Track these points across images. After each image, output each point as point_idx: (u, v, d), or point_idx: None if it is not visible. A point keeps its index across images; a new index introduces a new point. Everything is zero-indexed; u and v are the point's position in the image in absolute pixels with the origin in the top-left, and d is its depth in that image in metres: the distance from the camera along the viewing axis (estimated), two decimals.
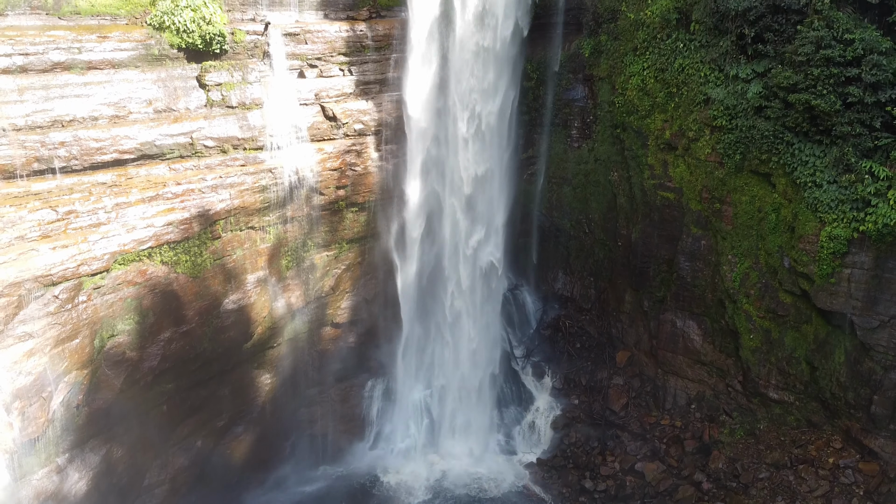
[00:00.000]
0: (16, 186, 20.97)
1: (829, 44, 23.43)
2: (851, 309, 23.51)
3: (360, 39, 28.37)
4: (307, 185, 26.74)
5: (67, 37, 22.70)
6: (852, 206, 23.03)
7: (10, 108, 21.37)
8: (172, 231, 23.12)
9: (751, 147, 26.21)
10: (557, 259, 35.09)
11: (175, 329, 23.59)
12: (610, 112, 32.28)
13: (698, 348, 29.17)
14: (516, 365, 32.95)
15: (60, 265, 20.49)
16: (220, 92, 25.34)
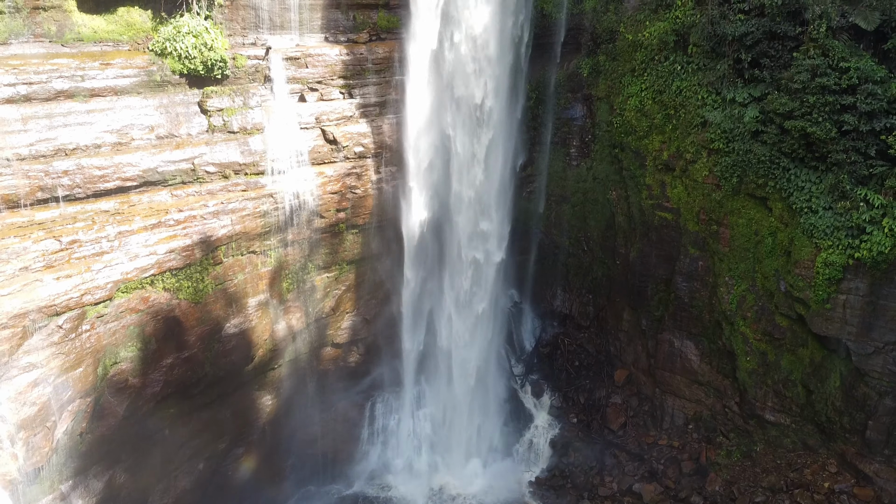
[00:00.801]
0: (20, 216, 21.18)
1: (824, 72, 23.69)
2: (847, 334, 23.75)
3: (360, 62, 28.60)
4: (308, 209, 26.96)
5: (70, 64, 22.89)
6: (847, 232, 23.27)
7: (15, 138, 21.57)
8: (175, 258, 23.35)
9: (747, 171, 26.46)
10: (556, 276, 35.33)
11: (177, 355, 23.81)
12: (608, 132, 32.55)
13: (696, 368, 29.42)
14: (515, 383, 33.19)
15: (64, 295, 20.71)
16: (221, 117, 25.56)
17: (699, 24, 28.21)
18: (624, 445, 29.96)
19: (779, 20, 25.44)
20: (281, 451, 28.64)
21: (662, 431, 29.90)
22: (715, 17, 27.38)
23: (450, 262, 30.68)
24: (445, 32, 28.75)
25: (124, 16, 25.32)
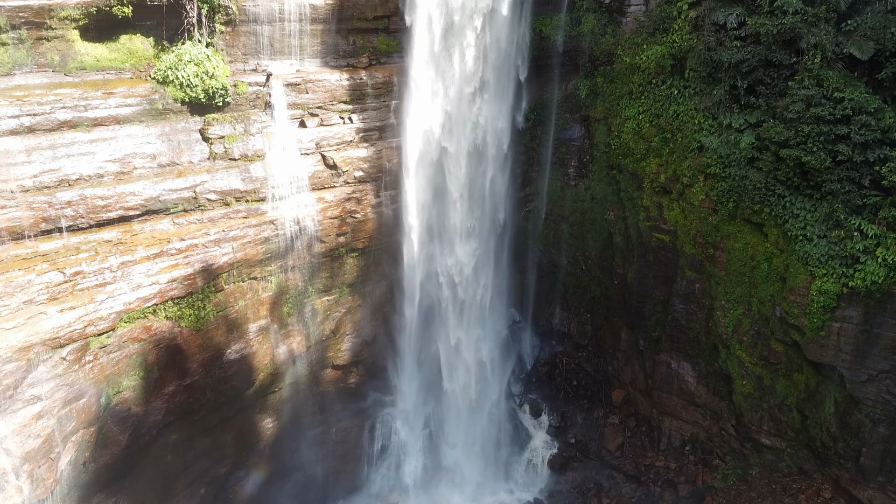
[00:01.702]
0: (24, 247, 21.45)
1: (819, 102, 23.95)
2: (841, 362, 24.02)
3: (360, 87, 28.85)
4: (308, 234, 27.23)
5: (74, 94, 23.11)
6: (842, 261, 23.53)
7: (19, 170, 21.83)
8: (177, 287, 23.61)
9: (743, 196, 26.72)
10: (555, 295, 35.61)
11: (179, 382, 24.07)
12: (606, 153, 32.82)
13: (692, 390, 29.68)
14: (514, 403, 33.46)
15: (68, 327, 20.98)
16: (222, 144, 25.82)
17: (696, 50, 28.47)
18: (621, 467, 30.22)
19: (774, 49, 25.71)
20: (281, 472, 28.89)
21: (659, 453, 30.17)
22: (711, 43, 27.64)
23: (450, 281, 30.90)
24: (444, 55, 29.01)
25: (126, 44, 25.57)
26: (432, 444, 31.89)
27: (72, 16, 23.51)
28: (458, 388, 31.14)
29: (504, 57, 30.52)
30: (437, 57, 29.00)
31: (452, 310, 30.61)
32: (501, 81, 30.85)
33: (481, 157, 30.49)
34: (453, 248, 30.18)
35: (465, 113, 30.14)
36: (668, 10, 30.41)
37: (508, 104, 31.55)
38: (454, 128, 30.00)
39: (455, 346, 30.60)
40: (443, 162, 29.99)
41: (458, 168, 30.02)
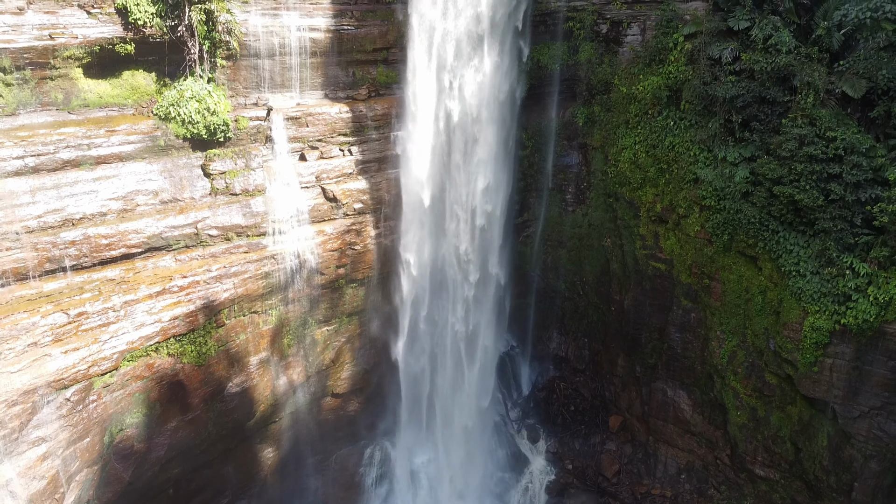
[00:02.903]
0: (28, 288, 21.81)
1: (811, 141, 24.28)
2: (833, 397, 24.34)
3: (360, 119, 29.20)
4: (308, 267, 27.57)
5: (77, 133, 23.47)
6: (834, 299, 23.84)
7: (24, 210, 22.20)
8: (179, 324, 23.96)
9: (738, 230, 27.02)
10: (553, 319, 35.95)
11: (181, 417, 24.43)
12: (603, 181, 33.15)
13: (688, 418, 30.01)
14: (511, 428, 33.79)
15: (72, 368, 21.33)
16: (223, 180, 26.16)
17: (691, 82, 28.80)
18: (618, 494, 30.58)
19: (768, 85, 26.03)
20: (282, 501, 29.23)
21: (655, 480, 30.50)
22: (706, 77, 27.96)
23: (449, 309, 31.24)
24: (443, 85, 29.33)
25: (129, 80, 25.92)
26: (430, 472, 32.18)
27: (75, 55, 23.87)
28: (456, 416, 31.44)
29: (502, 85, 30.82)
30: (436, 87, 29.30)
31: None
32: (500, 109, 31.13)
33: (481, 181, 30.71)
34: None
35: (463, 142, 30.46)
36: (665, 41, 30.78)
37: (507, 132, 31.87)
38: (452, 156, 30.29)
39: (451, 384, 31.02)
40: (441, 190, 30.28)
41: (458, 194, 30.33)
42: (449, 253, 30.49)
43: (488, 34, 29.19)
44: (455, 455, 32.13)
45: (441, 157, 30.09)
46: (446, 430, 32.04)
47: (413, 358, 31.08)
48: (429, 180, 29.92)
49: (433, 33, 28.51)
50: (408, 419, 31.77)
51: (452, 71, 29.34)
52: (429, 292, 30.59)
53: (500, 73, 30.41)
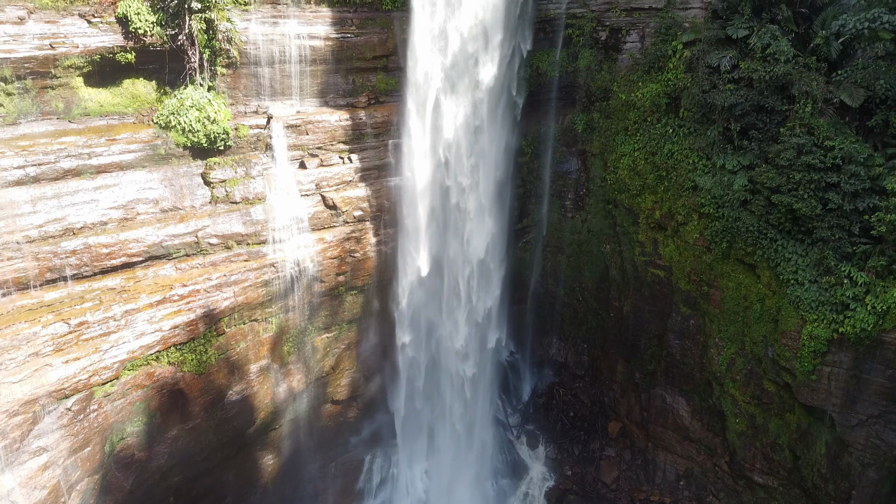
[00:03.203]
0: (29, 297, 21.87)
1: (809, 150, 24.36)
2: (831, 406, 24.42)
3: (359, 127, 29.29)
4: (308, 275, 27.64)
5: (78, 142, 23.52)
6: (832, 308, 23.91)
7: (25, 220, 22.25)
8: (179, 333, 24.03)
9: (736, 237, 27.11)
10: (552, 325, 36.03)
11: (182, 426, 24.50)
12: (602, 187, 33.24)
13: (687, 425, 30.10)
14: (511, 434, 33.86)
15: (73, 378, 21.40)
16: (224, 188, 26.23)
17: (690, 90, 28.87)
18: (617, 500, 30.65)
19: (767, 94, 26.12)
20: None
21: (654, 486, 30.58)
22: (705, 85, 28.04)
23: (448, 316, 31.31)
24: (443, 92, 29.40)
25: (129, 88, 26.00)
26: (430, 477, 32.27)
27: (76, 64, 23.95)
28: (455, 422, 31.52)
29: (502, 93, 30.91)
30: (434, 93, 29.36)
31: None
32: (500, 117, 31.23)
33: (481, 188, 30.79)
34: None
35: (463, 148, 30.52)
36: (663, 48, 30.88)
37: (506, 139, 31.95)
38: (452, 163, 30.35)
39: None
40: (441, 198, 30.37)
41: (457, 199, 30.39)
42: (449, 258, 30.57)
43: (488, 41, 29.28)
44: (455, 461, 32.19)
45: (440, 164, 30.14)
46: (446, 437, 32.10)
47: (413, 364, 31.12)
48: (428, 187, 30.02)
49: (433, 41, 28.60)
50: (407, 425, 31.82)
51: (452, 78, 29.41)
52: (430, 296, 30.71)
53: (500, 80, 30.49)
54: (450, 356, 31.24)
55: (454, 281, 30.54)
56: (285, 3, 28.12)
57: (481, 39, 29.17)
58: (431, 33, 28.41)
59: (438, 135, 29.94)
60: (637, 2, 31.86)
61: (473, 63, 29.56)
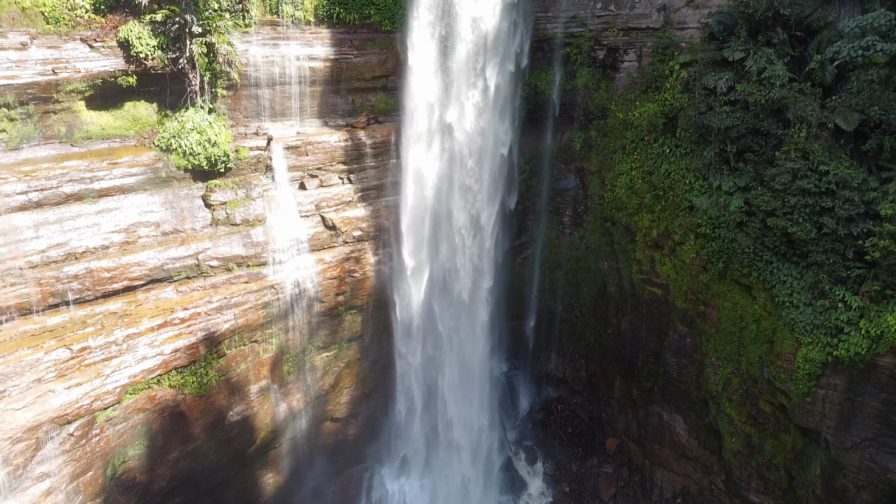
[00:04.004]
0: (32, 323, 22.10)
1: (804, 174, 24.59)
2: (826, 428, 24.64)
3: (359, 147, 29.52)
4: (308, 296, 27.87)
5: (80, 166, 23.71)
6: (826, 331, 24.13)
7: (28, 245, 22.45)
8: (180, 356, 24.25)
9: (732, 258, 27.33)
10: (551, 340, 36.28)
11: (183, 448, 24.73)
12: (600, 204, 33.49)
13: (684, 443, 30.32)
14: (509, 450, 34.10)
15: (76, 403, 21.62)
16: (224, 210, 26.45)
17: (686, 111, 29.09)
18: None
19: (762, 117, 26.35)
20: None
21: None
22: (701, 107, 28.26)
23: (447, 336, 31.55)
24: (442, 112, 29.63)
25: (131, 111, 26.22)
26: (429, 494, 32.48)
27: (78, 88, 24.15)
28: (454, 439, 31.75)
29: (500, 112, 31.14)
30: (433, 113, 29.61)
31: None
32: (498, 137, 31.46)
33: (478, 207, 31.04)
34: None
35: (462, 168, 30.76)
36: (661, 68, 31.13)
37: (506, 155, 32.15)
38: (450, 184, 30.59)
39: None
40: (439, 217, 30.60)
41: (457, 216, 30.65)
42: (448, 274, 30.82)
43: (486, 60, 29.54)
44: (454, 478, 32.41)
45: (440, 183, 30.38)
46: (445, 453, 32.32)
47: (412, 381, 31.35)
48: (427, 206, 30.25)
49: (431, 61, 28.84)
50: (406, 442, 32.06)
51: (451, 97, 29.66)
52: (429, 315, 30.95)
53: (498, 99, 30.73)
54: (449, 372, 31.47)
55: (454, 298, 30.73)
56: (285, 25, 28.40)
57: (479, 59, 29.42)
58: (430, 54, 28.65)
59: (438, 154, 30.18)
60: (634, 22, 32.14)
61: (471, 82, 29.82)
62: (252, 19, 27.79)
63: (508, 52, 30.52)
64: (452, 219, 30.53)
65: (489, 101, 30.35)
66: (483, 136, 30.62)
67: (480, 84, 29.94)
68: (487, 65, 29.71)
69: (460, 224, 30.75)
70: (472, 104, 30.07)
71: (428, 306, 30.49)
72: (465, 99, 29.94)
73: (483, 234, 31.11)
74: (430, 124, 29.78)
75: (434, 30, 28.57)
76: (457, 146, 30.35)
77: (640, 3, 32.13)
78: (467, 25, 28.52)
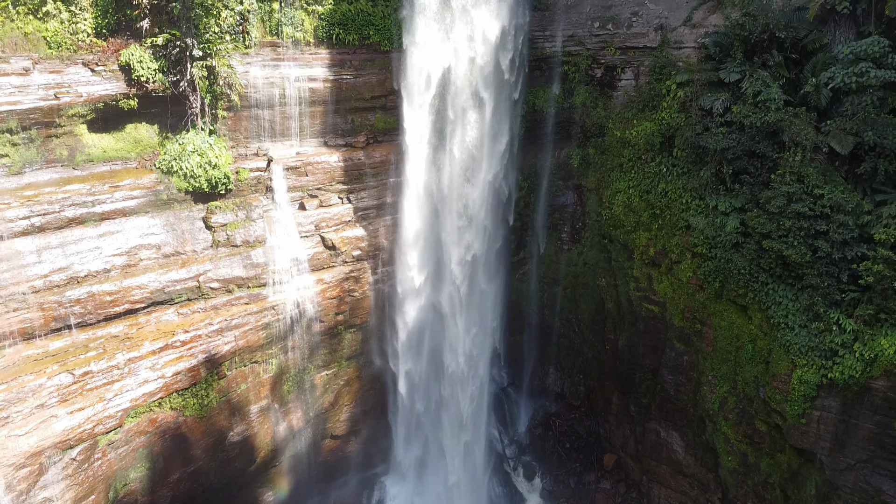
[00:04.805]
0: (34, 347, 22.37)
1: (799, 198, 24.78)
2: (821, 449, 24.83)
3: (358, 167, 29.78)
4: (308, 316, 28.12)
5: (81, 190, 23.99)
6: (821, 353, 24.32)
7: (30, 270, 22.74)
8: (181, 379, 24.50)
9: (728, 279, 27.51)
10: (549, 356, 36.50)
11: (184, 469, 24.97)
12: (598, 221, 33.72)
13: (681, 460, 30.55)
14: (508, 466, 34.33)
15: (78, 428, 21.88)
16: (225, 232, 26.70)
17: (683, 130, 29.29)
18: None
19: (758, 139, 26.54)
20: None
21: None
22: (698, 128, 28.47)
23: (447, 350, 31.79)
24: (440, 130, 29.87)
25: (132, 132, 26.48)
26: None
27: (80, 112, 24.43)
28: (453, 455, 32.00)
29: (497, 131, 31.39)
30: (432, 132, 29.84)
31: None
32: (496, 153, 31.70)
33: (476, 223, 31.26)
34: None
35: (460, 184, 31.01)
36: (658, 87, 31.33)
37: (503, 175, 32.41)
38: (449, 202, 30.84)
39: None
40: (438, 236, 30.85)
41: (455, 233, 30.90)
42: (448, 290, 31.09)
43: (484, 79, 29.77)
44: (453, 494, 32.63)
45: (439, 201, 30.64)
46: (443, 468, 32.55)
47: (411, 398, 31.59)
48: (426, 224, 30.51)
49: (429, 81, 29.06)
50: (406, 458, 32.30)
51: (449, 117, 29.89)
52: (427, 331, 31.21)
53: (497, 117, 30.98)
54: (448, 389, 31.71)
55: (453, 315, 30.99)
56: (285, 46, 28.66)
57: (478, 77, 29.65)
58: (427, 74, 28.86)
59: (436, 173, 30.44)
60: (632, 41, 32.36)
61: (470, 101, 30.05)
62: (252, 40, 28.06)
63: (506, 72, 30.74)
64: (452, 236, 30.75)
65: (487, 121, 30.58)
66: (481, 154, 30.87)
67: (478, 103, 30.18)
68: (485, 84, 29.94)
69: (459, 242, 30.99)
70: (469, 124, 30.31)
71: (427, 323, 30.69)
72: (462, 119, 30.16)
73: (482, 251, 31.34)
74: (429, 144, 29.99)
75: (431, 50, 28.77)
76: (455, 165, 30.62)
77: (637, 22, 32.37)
78: (464, 47, 28.74)
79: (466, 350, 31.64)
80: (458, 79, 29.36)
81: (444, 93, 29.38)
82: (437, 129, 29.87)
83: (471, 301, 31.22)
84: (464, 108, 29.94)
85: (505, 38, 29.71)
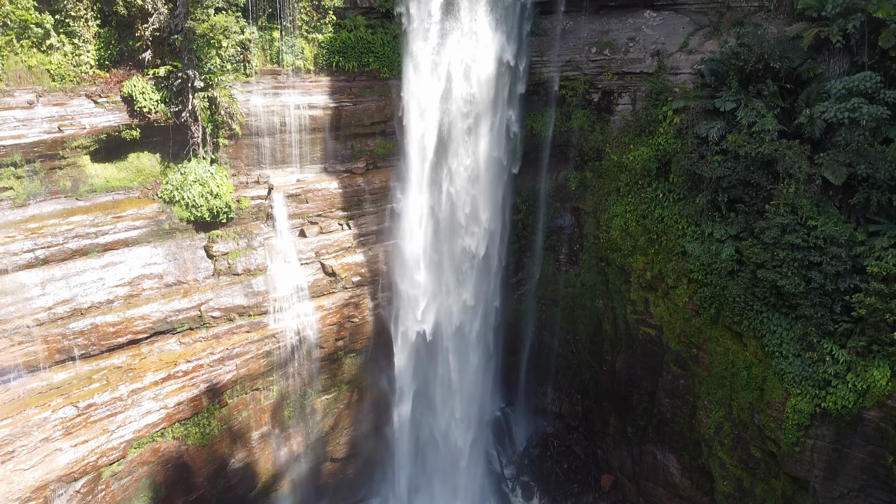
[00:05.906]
0: (39, 379, 22.67)
1: (793, 229, 25.11)
2: (814, 477, 25.18)
3: (358, 193, 30.08)
4: (308, 343, 28.43)
5: (85, 221, 24.27)
6: (815, 383, 24.66)
7: (34, 303, 23.03)
8: (184, 409, 24.81)
9: (724, 305, 27.84)
10: (547, 376, 36.81)
11: (186, 497, 25.30)
12: (595, 244, 34.04)
13: (677, 483, 30.86)
14: (506, 486, 34.63)
15: (82, 461, 22.19)
16: (226, 260, 27.00)
17: (679, 157, 29.59)
18: None
19: (753, 169, 26.87)
20: None
21: None
22: (693, 157, 28.79)
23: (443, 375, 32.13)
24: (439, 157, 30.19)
25: (134, 162, 26.77)
26: None
27: (83, 144, 24.73)
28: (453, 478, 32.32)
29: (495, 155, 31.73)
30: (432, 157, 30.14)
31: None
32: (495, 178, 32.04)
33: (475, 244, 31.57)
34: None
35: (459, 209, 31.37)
36: (654, 112, 31.67)
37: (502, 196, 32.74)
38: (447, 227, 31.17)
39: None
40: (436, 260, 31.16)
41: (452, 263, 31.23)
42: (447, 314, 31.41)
43: (483, 104, 30.11)
44: None
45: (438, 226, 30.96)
46: (444, 492, 32.86)
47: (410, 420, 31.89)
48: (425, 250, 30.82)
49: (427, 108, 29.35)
50: (405, 480, 32.58)
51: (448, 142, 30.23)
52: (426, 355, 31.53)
53: (495, 142, 31.33)
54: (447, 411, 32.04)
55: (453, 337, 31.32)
56: (286, 74, 28.97)
57: (475, 107, 30.00)
58: (426, 101, 29.16)
59: (435, 198, 30.75)
60: (629, 66, 32.68)
61: (469, 126, 30.40)
62: (253, 69, 28.36)
63: (504, 97, 31.08)
64: (451, 260, 31.09)
65: (485, 145, 30.93)
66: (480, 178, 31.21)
67: (477, 127, 30.52)
68: (484, 109, 30.28)
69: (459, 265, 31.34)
70: (468, 149, 30.65)
71: (426, 347, 31.01)
72: (461, 144, 30.50)
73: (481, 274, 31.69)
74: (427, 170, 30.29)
75: (429, 78, 29.08)
76: (454, 189, 30.95)
77: (634, 47, 32.69)
78: (461, 75, 29.08)
79: (465, 373, 31.94)
80: (456, 105, 29.69)
81: (443, 119, 29.68)
82: (436, 154, 30.14)
83: (471, 326, 31.52)
84: (463, 133, 30.26)
85: (503, 64, 30.05)
